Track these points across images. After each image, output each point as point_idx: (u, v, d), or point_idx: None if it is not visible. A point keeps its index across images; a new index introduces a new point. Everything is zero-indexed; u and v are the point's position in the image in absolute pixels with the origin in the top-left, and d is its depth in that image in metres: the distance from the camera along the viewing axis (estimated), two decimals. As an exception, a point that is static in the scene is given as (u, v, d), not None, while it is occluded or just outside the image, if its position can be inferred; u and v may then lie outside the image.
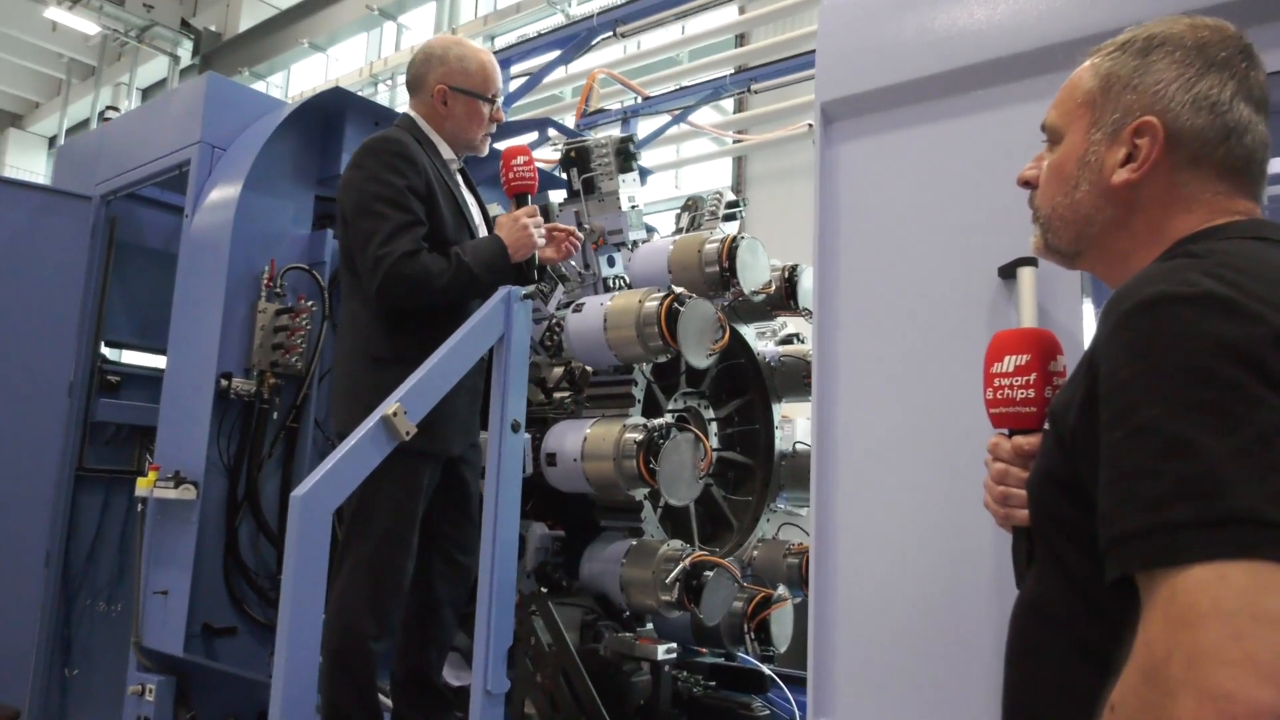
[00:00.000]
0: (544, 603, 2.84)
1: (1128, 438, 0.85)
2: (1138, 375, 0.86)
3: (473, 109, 2.79)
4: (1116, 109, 1.11)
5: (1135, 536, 0.81)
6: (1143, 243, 1.10)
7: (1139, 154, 1.08)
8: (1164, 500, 0.80)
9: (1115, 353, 0.89)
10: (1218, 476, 0.78)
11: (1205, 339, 0.84)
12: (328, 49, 13.71)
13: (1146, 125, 1.07)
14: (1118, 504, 0.84)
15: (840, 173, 1.90)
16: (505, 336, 2.22)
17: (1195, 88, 1.06)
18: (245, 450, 3.46)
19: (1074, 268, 1.22)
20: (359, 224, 2.57)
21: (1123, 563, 0.83)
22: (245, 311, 3.44)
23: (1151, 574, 0.80)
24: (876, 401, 1.82)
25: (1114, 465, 0.86)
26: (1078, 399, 0.96)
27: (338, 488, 1.78)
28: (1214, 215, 1.07)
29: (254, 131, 3.55)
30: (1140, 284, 0.92)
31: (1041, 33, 1.68)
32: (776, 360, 3.59)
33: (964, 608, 1.65)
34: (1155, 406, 0.83)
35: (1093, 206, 1.13)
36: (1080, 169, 1.14)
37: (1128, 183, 1.09)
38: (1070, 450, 0.97)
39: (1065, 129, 1.17)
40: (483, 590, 2.11)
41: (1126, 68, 1.11)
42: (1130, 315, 0.89)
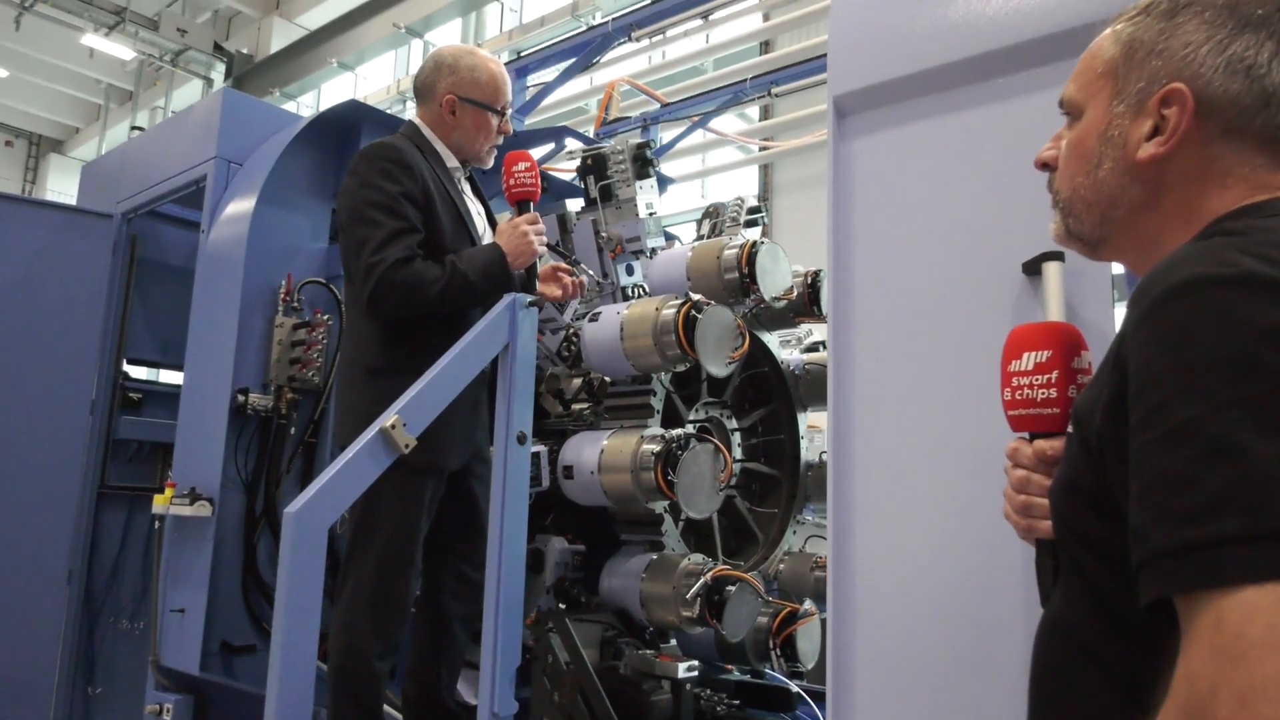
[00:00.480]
0: (561, 620, 2.77)
1: (1162, 440, 0.75)
2: (1172, 369, 0.76)
3: (481, 120, 2.75)
4: (1141, 77, 1.00)
5: (1173, 554, 0.72)
6: (1174, 224, 0.99)
7: (1166, 126, 0.98)
8: (1206, 512, 0.70)
9: (1145, 344, 0.79)
10: (1268, 483, 0.68)
11: (1249, 325, 0.73)
12: (356, 68, 13.86)
13: (1174, 93, 0.97)
14: (1153, 516, 0.74)
15: (854, 169, 1.81)
16: (510, 345, 2.16)
17: (1229, 49, 0.95)
18: (263, 466, 3.44)
19: (1098, 257, 1.11)
20: (352, 231, 2.53)
21: (1159, 584, 0.73)
22: (262, 326, 3.43)
23: (1193, 597, 0.70)
24: (895, 407, 1.73)
25: (1147, 472, 0.76)
26: (1104, 398, 0.86)
27: (333, 503, 1.72)
28: (1253, 191, 0.95)
29: (270, 146, 3.54)
30: (1171, 266, 0.82)
31: (1066, 15, 1.58)
32: (801, 368, 3.50)
33: (991, 624, 1.55)
34: (1193, 404, 0.73)
35: (1117, 186, 1.03)
36: (1103, 145, 1.04)
37: (1155, 158, 0.99)
38: (1097, 456, 0.87)
39: (1085, 103, 1.07)
40: (489, 609, 2.05)
41: (1151, 31, 1.00)
42: (1161, 301, 0.79)
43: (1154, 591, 0.73)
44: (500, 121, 2.78)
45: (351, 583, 2.44)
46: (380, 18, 12.69)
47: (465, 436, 2.60)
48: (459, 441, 2.58)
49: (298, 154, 3.49)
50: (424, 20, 12.15)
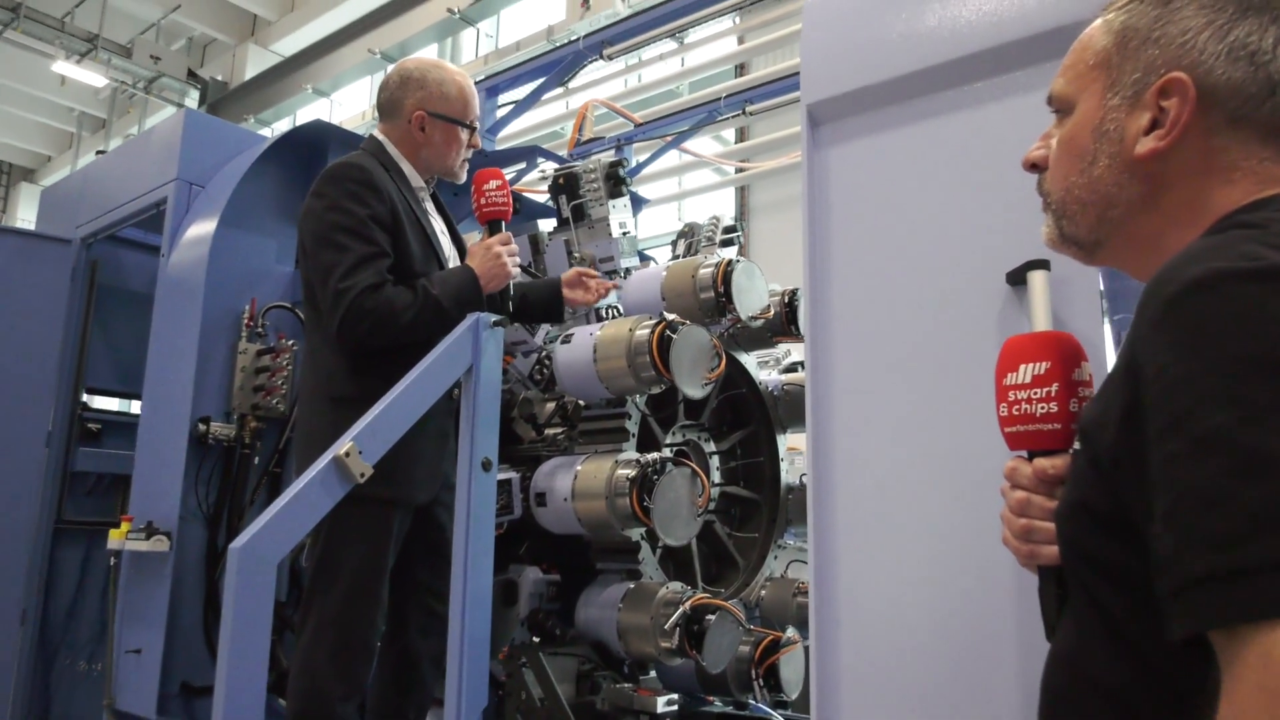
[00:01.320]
0: (535, 654, 2.67)
1: (1189, 452, 0.67)
2: (1195, 372, 0.68)
3: (451, 135, 2.65)
4: (1136, 67, 0.94)
5: (1209, 582, 0.64)
6: (1177, 223, 0.92)
7: (1166, 118, 0.91)
8: (1245, 533, 0.62)
9: (1162, 347, 0.72)
10: None
11: (1277, 322, 0.67)
12: (331, 94, 13.82)
13: (1174, 83, 0.90)
14: (1183, 539, 0.66)
15: (830, 178, 1.74)
16: (474, 368, 2.06)
17: (1230, 35, 0.89)
18: (226, 497, 3.33)
19: (1094, 261, 1.03)
20: (319, 256, 2.41)
21: (1194, 616, 0.65)
22: (224, 352, 3.32)
23: (1234, 631, 0.62)
24: (876, 425, 1.65)
25: (1173, 488, 0.68)
26: (1116, 411, 0.78)
27: (283, 538, 1.61)
28: (1261, 185, 0.89)
29: (232, 167, 3.46)
30: (1185, 262, 0.75)
31: (1043, 18, 1.53)
32: (780, 389, 3.44)
33: (981, 653, 1.46)
34: (1221, 410, 0.65)
35: (1114, 184, 0.95)
36: (1097, 141, 0.97)
37: (1154, 152, 0.92)
38: (1110, 474, 0.79)
39: (1076, 97, 1.00)
40: (453, 645, 1.94)
41: (1146, 19, 0.94)
42: (1177, 299, 0.72)
43: (1188, 625, 0.65)
44: (470, 135, 2.70)
45: (314, 622, 2.32)
46: (356, 44, 12.67)
47: (433, 469, 2.50)
48: (427, 474, 2.48)
49: (262, 175, 3.40)
50: (400, 46, 12.12)
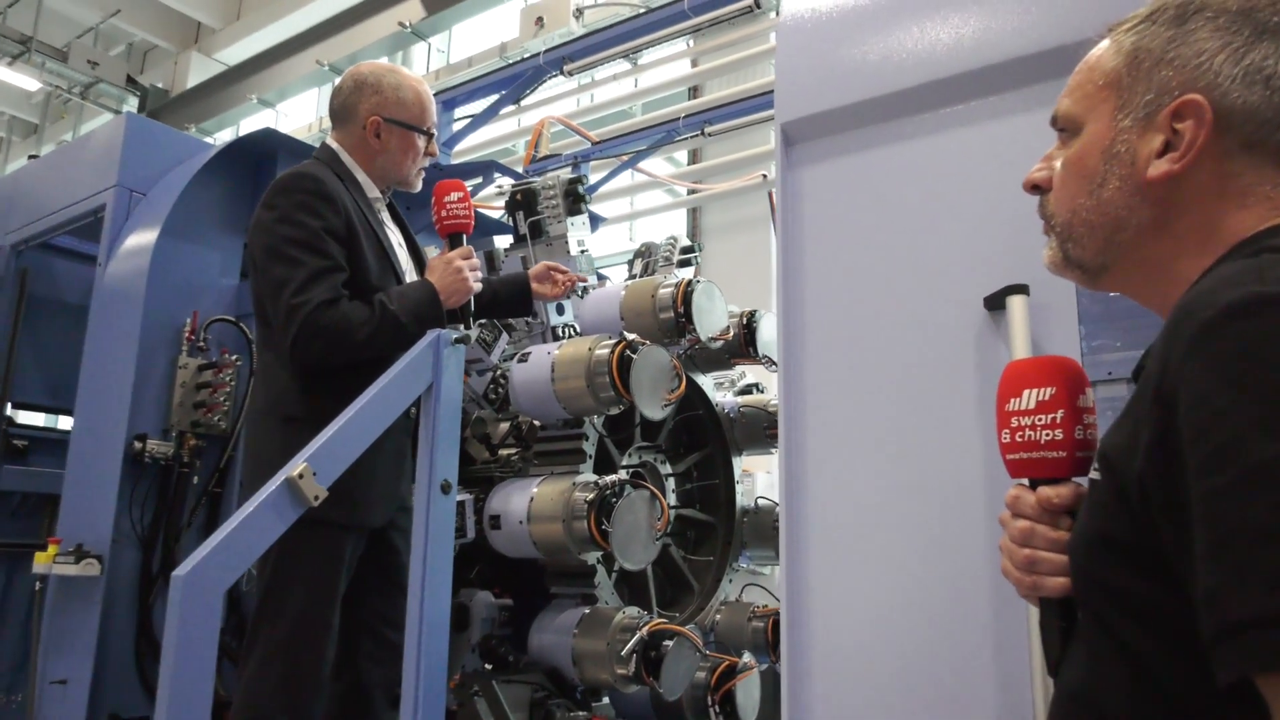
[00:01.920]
0: (487, 682, 2.59)
1: (1238, 485, 0.64)
2: (1241, 401, 0.65)
3: (408, 142, 2.55)
4: (1149, 89, 0.92)
5: (1265, 624, 0.60)
6: (1189, 248, 0.91)
7: (1180, 140, 0.89)
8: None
9: (1201, 374, 0.69)
10: None
11: None
12: (277, 105, 13.56)
13: (1190, 105, 0.89)
14: (1235, 578, 0.63)
15: (803, 199, 1.72)
16: (434, 386, 1.99)
17: (1246, 58, 0.87)
18: (162, 519, 3.19)
19: (1098, 286, 1.02)
20: (270, 270, 2.30)
21: (1245, 661, 0.61)
22: (164, 367, 3.20)
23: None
24: (850, 451, 1.62)
25: (1220, 523, 0.65)
26: (1146, 439, 0.74)
27: (230, 565, 1.52)
28: (1275, 212, 0.87)
29: (176, 174, 3.34)
30: (1219, 287, 0.73)
31: (1018, 43, 1.53)
32: (736, 411, 3.42)
33: (959, 683, 1.44)
34: (1274, 441, 0.63)
35: (1125, 207, 0.94)
36: (1107, 163, 0.95)
37: (1168, 175, 0.90)
38: (1138, 505, 0.76)
39: (1084, 117, 0.98)
40: (408, 676, 1.86)
41: (1159, 40, 0.92)
42: (1215, 326, 0.70)
43: (1237, 669, 0.62)
44: (428, 143, 2.61)
45: (260, 651, 2.20)
46: (304, 54, 12.45)
47: (389, 491, 2.40)
48: (383, 496, 2.38)
49: (207, 184, 3.29)
50: (349, 58, 11.93)
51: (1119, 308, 1.43)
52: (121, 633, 2.98)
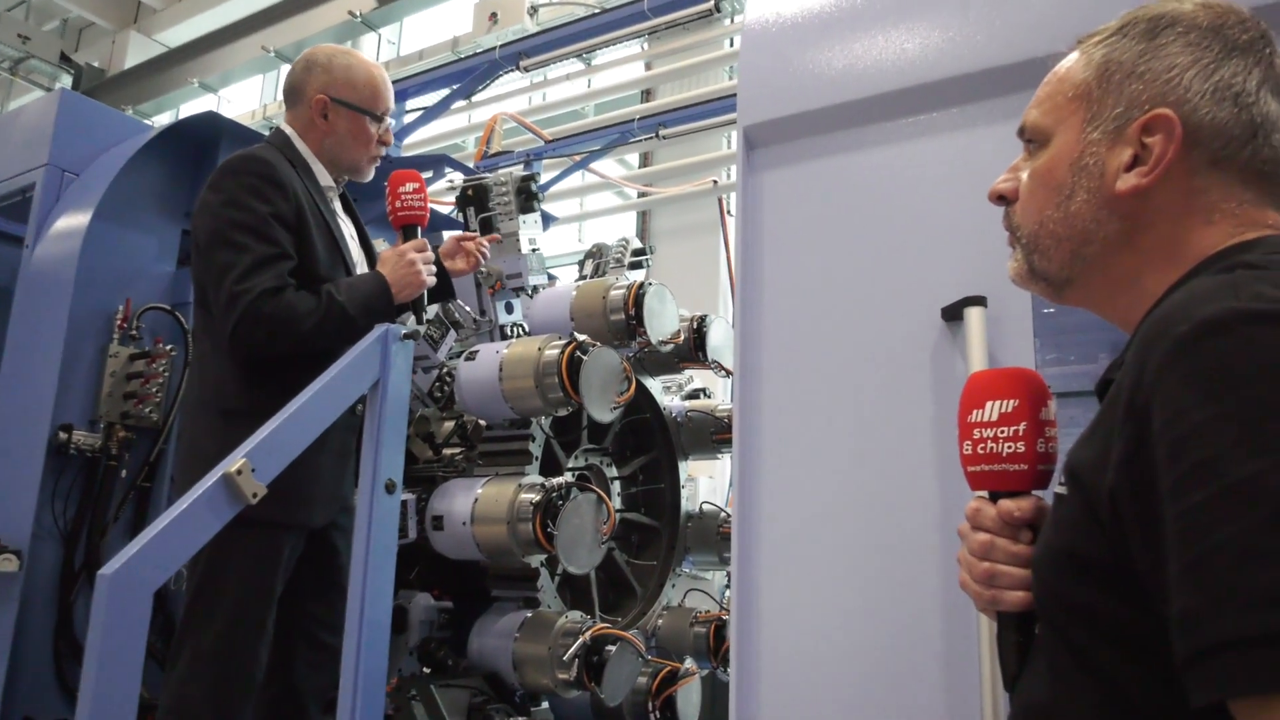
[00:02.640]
0: (425, 686, 2.53)
1: (1216, 503, 0.63)
2: (1217, 418, 0.65)
3: (358, 126, 2.45)
4: (1119, 102, 0.92)
5: (1246, 645, 0.59)
6: (1155, 263, 0.91)
7: (1149, 155, 0.89)
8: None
9: (1177, 390, 0.68)
10: None
11: None
12: (219, 90, 13.20)
13: (1160, 120, 0.89)
14: (1213, 597, 0.62)
15: (764, 203, 1.72)
16: (381, 382, 1.94)
17: (1216, 74, 0.88)
18: (86, 514, 3.07)
19: (1062, 299, 1.01)
20: (214, 255, 2.21)
21: (1223, 682, 0.60)
22: (92, 356, 3.08)
23: (1269, 701, 0.59)
24: (805, 460, 1.61)
25: (1197, 541, 0.64)
26: (1117, 453, 0.74)
27: (162, 563, 1.45)
28: (1241, 229, 0.88)
29: (112, 155, 3.21)
30: (1193, 302, 0.73)
31: (984, 56, 1.54)
32: (683, 416, 3.41)
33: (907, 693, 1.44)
34: (1251, 459, 0.62)
35: (1092, 220, 0.93)
36: (1075, 175, 0.94)
37: (1136, 189, 0.90)
38: (1109, 521, 0.75)
39: (1053, 129, 0.98)
40: (345, 682, 1.80)
41: (1129, 53, 0.92)
42: (1191, 340, 0.69)
43: (1214, 691, 0.61)
44: (381, 130, 2.50)
45: (188, 654, 2.10)
46: (249, 39, 12.14)
47: (332, 490, 2.31)
48: (325, 495, 2.29)
49: (145, 167, 3.18)
50: (296, 45, 11.65)
51: (1072, 323, 1.45)
52: (39, 632, 2.86)
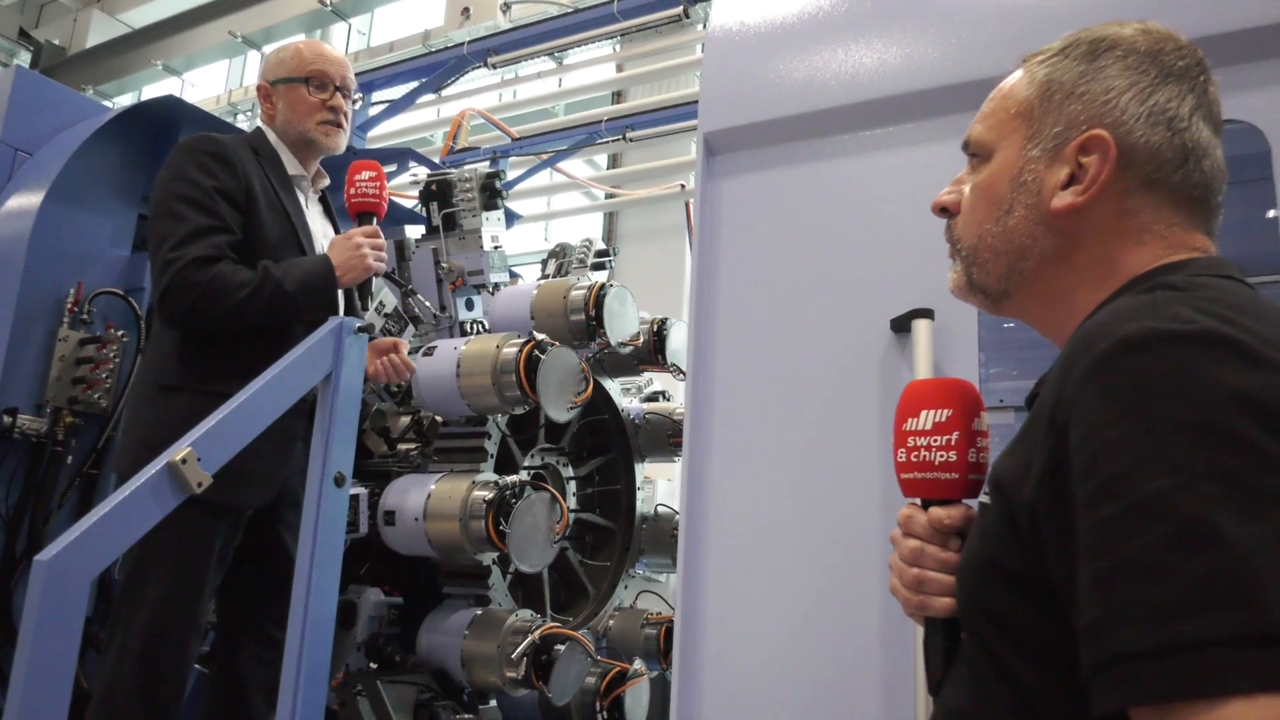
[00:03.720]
0: (371, 681, 2.52)
1: (1124, 518, 0.65)
2: (1130, 435, 0.67)
3: (295, 96, 2.48)
4: (1059, 121, 0.94)
5: (1145, 656, 0.61)
6: (1086, 280, 0.93)
7: (1085, 174, 0.92)
8: (1187, 607, 0.60)
9: (1094, 406, 0.70)
10: (1254, 575, 0.59)
11: (1217, 389, 0.66)
12: (184, 73, 12.97)
13: (1095, 140, 0.91)
14: (1116, 610, 0.64)
15: (722, 209, 1.74)
16: (333, 375, 1.93)
17: (1151, 99, 0.91)
18: (29, 499, 3.01)
19: (999, 311, 1.03)
20: (156, 225, 2.24)
21: (1123, 691, 0.62)
22: (41, 339, 3.02)
23: (1169, 710, 0.60)
24: (754, 465, 1.63)
25: (1105, 555, 0.66)
26: (1038, 467, 0.76)
27: (101, 551, 1.43)
28: (1170, 250, 0.91)
29: (68, 136, 3.15)
30: (1115, 320, 0.75)
31: (939, 73, 1.58)
32: (641, 418, 3.43)
33: (848, 698, 1.46)
34: (1159, 476, 0.64)
35: (1029, 235, 0.95)
36: (1014, 191, 0.96)
37: (1071, 207, 0.92)
38: (1027, 532, 0.77)
39: (995, 144, 1.00)
40: (287, 675, 1.79)
41: (1070, 74, 0.95)
42: (1111, 358, 0.71)
43: (1114, 700, 0.63)
44: (325, 96, 2.50)
45: (118, 644, 2.07)
46: (216, 23, 11.95)
47: (270, 473, 2.26)
48: (261, 477, 2.24)
49: (102, 148, 3.12)
50: (264, 32, 11.51)
51: (1017, 338, 1.48)
52: (-24, 619, 2.80)
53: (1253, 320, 0.72)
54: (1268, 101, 1.32)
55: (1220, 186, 0.93)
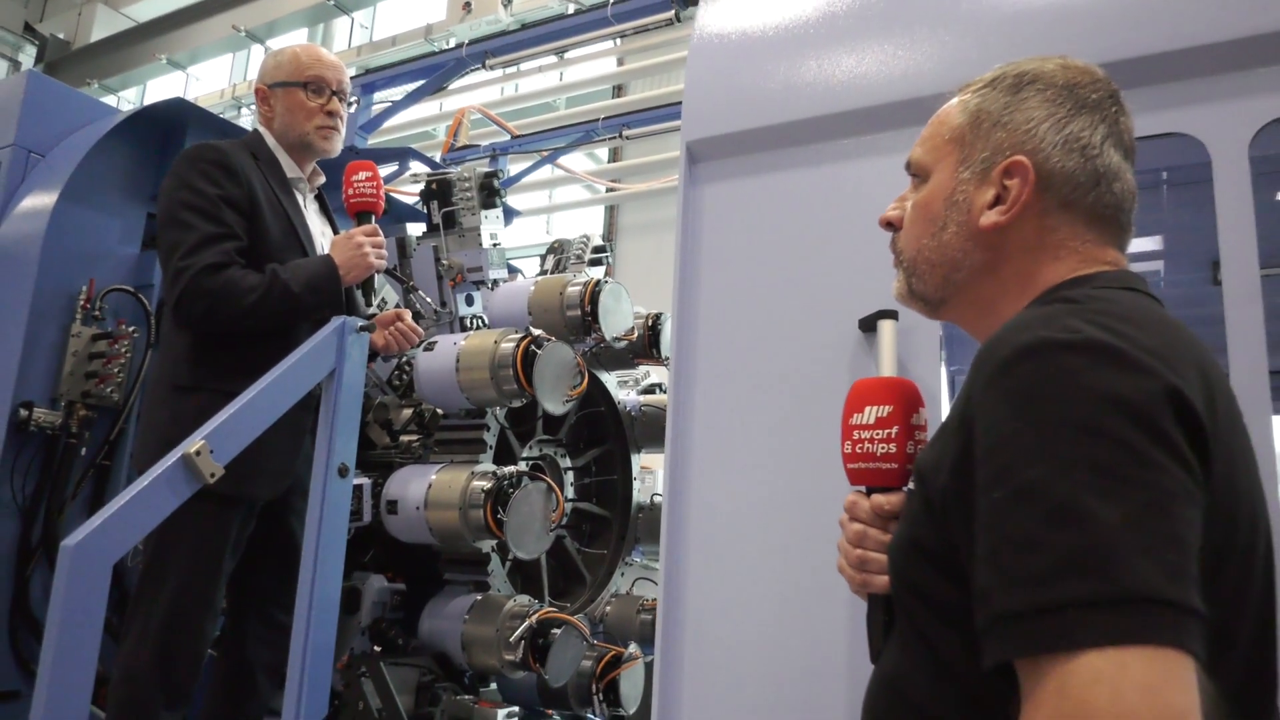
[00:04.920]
0: (375, 663, 2.62)
1: (1009, 501, 0.75)
2: (1019, 430, 0.77)
3: (292, 100, 2.58)
4: (986, 146, 1.04)
5: (1018, 617, 0.71)
6: (1011, 290, 1.03)
7: (1008, 195, 1.02)
8: (1052, 575, 0.70)
9: (993, 405, 0.80)
10: (1111, 548, 0.69)
11: (1093, 391, 0.76)
12: (188, 67, 13.05)
13: (1016, 165, 1.01)
14: (998, 578, 0.74)
15: (703, 215, 1.83)
16: (337, 371, 2.03)
17: (1067, 128, 1.01)
18: (45, 490, 3.10)
19: (937, 317, 1.14)
20: (165, 235, 2.35)
21: (1003, 646, 0.72)
22: (55, 335, 3.10)
23: (1037, 661, 0.70)
24: (732, 456, 1.73)
25: (993, 532, 0.76)
26: (950, 459, 0.86)
27: (121, 537, 1.53)
28: (1083, 264, 1.01)
29: (79, 138, 3.24)
30: (1016, 330, 0.84)
31: (908, 86, 1.66)
32: (638, 410, 3.51)
33: (816, 676, 1.56)
34: (1040, 466, 0.74)
35: (960, 250, 1.05)
36: (948, 209, 1.07)
37: (996, 225, 1.02)
38: (940, 515, 0.87)
39: (932, 166, 1.10)
40: (294, 655, 1.89)
41: (997, 104, 1.05)
42: (1008, 364, 0.81)
43: (997, 654, 0.73)
44: (320, 101, 2.59)
45: (138, 626, 2.19)
46: (219, 18, 12.03)
47: (281, 465, 2.39)
48: (273, 470, 2.36)
49: (112, 150, 3.21)
50: (267, 26, 11.60)
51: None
52: (-5, 604, 2.90)
53: (1134, 329, 0.81)
54: (1208, 115, 1.41)
55: (1131, 205, 1.03)
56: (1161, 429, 0.74)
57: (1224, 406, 0.85)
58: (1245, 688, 0.85)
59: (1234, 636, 0.84)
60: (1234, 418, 0.88)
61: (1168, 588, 0.68)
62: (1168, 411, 0.75)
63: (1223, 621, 0.79)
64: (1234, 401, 0.90)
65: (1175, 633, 0.67)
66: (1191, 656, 0.68)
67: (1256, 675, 0.87)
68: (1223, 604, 0.79)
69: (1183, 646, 0.67)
